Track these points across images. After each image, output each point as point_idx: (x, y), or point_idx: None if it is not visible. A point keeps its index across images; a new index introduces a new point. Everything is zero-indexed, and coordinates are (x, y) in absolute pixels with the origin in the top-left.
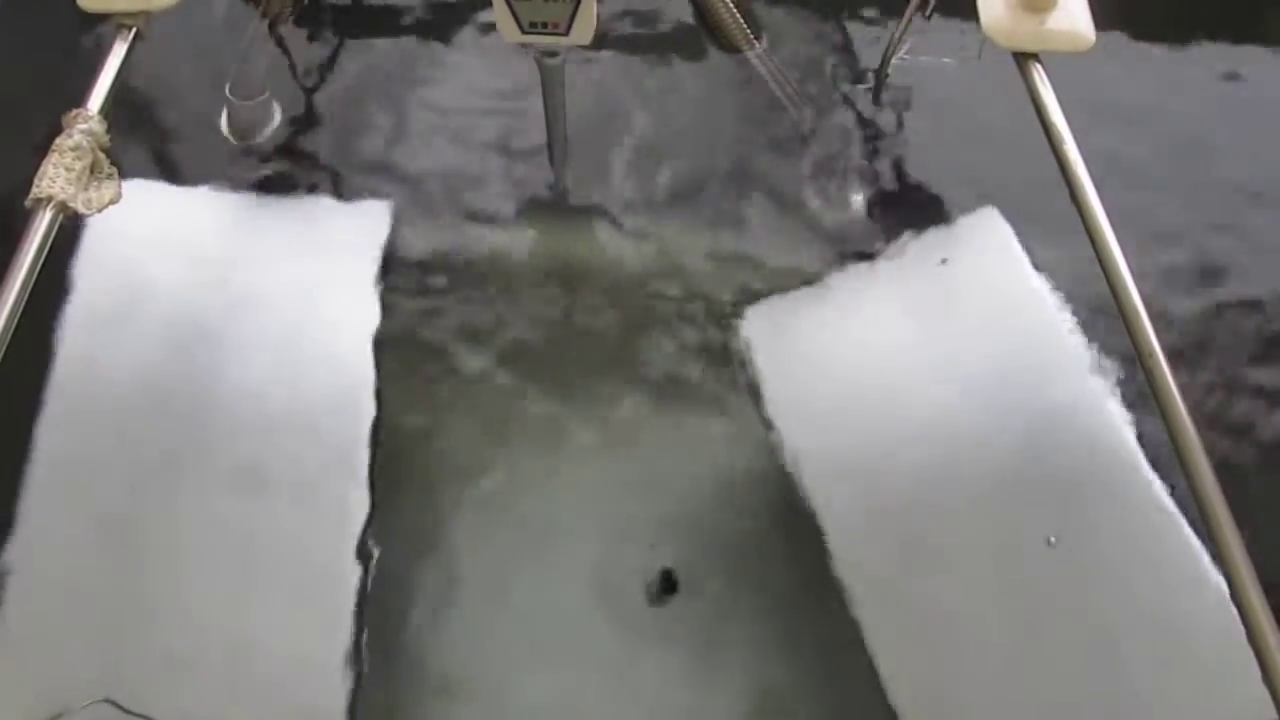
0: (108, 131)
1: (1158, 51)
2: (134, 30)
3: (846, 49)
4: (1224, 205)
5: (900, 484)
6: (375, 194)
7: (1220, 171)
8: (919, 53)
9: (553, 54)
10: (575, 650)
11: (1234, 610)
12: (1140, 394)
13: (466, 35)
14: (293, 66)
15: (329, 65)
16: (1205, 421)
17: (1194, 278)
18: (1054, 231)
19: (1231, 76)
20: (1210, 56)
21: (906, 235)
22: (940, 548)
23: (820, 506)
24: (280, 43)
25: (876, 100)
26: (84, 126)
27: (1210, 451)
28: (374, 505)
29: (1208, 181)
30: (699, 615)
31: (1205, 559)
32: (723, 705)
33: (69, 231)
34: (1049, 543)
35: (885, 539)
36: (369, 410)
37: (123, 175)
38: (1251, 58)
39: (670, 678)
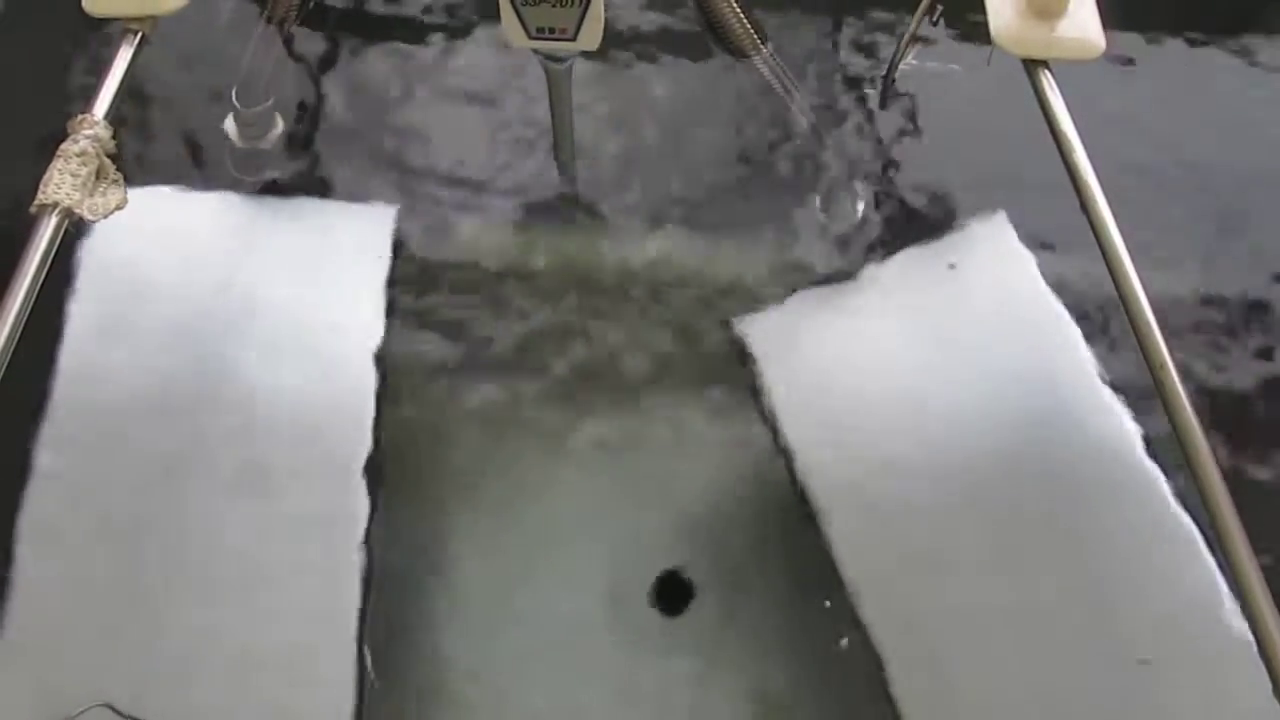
0: (113, 137)
1: (1167, 56)
2: (140, 35)
3: (853, 54)
4: (1234, 209)
5: (906, 489)
6: (381, 198)
7: (1230, 175)
8: (926, 58)
9: (559, 59)
10: (579, 655)
11: (1241, 615)
12: (1148, 400)
13: (472, 39)
14: (298, 70)
15: (334, 69)
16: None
17: (1202, 281)
18: (1063, 239)
19: (1245, 77)
20: (1223, 58)
21: (913, 241)
22: (947, 553)
23: (826, 511)
24: (285, 46)
25: (883, 105)
26: (89, 132)
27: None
28: (378, 510)
29: (1218, 185)
30: (704, 620)
31: (1212, 564)
32: (727, 710)
33: (74, 237)
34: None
35: (891, 544)
36: (373, 414)
37: (128, 181)
38: (1262, 53)
39: (674, 683)
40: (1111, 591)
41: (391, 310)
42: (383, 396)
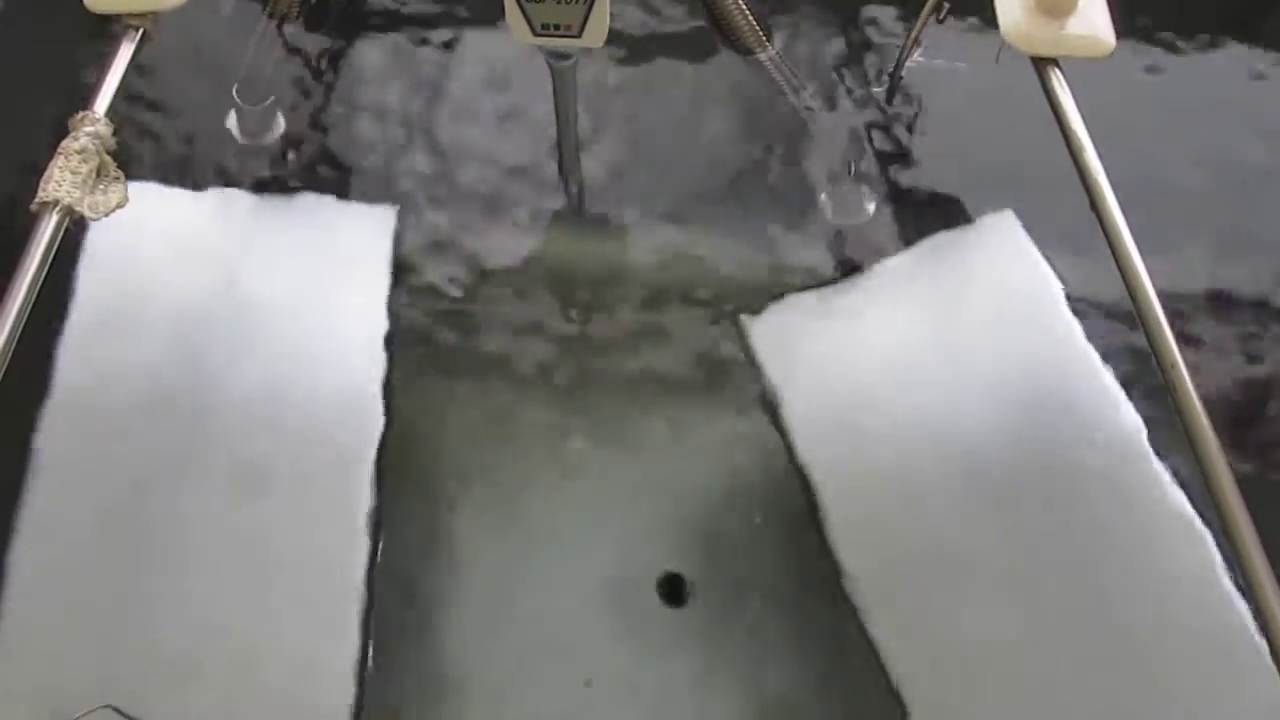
0: (114, 134)
1: (1179, 56)
2: (141, 31)
3: (860, 51)
4: (1246, 208)
5: (909, 486)
6: (383, 197)
7: (1241, 174)
8: (933, 56)
9: (564, 56)
10: (580, 654)
11: (1248, 611)
12: (1156, 397)
13: (475, 36)
14: (300, 67)
15: (336, 66)
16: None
17: (1213, 280)
18: (1071, 237)
19: (1257, 78)
20: (1235, 60)
21: (920, 238)
22: (952, 553)
23: (827, 508)
24: (287, 43)
25: (890, 103)
26: (90, 129)
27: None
28: (380, 508)
29: (1229, 184)
30: (704, 619)
31: (1220, 563)
32: (727, 708)
33: (74, 234)
34: None
35: (893, 541)
36: (375, 413)
37: (129, 178)
38: (1272, 51)
39: (676, 683)
40: (1117, 590)
41: (392, 309)
42: (386, 395)
